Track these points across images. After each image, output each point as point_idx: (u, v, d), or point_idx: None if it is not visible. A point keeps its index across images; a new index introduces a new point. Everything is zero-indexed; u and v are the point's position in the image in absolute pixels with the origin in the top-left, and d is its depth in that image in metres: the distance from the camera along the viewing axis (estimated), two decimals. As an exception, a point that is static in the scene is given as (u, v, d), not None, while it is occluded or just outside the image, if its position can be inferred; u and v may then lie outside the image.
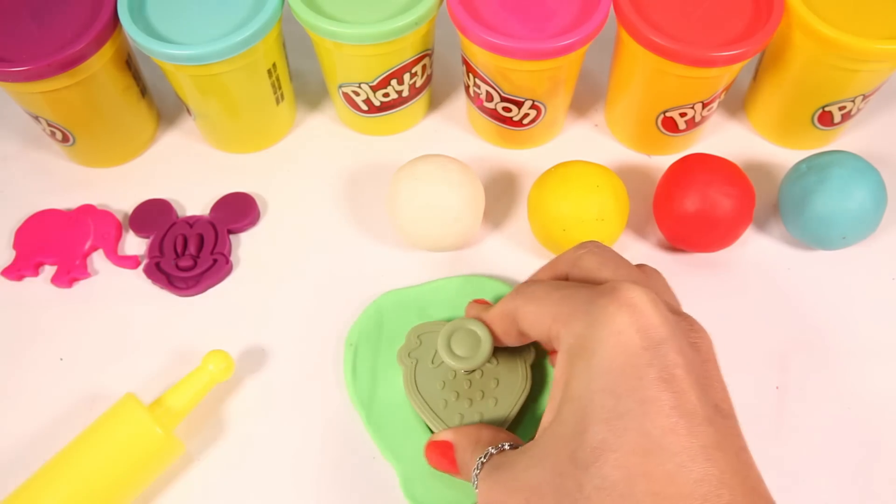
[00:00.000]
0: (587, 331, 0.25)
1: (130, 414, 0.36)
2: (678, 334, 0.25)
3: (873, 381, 0.40)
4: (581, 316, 0.26)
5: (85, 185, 0.48)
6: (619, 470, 0.23)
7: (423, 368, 0.37)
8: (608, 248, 0.32)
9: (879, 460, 0.38)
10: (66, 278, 0.43)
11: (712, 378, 0.26)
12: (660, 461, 0.22)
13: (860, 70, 0.41)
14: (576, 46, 0.39)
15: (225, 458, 0.38)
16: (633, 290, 0.26)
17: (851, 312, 0.42)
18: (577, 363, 0.25)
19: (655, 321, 0.25)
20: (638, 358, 0.24)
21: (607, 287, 0.26)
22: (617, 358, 0.24)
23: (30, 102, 0.43)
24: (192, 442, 0.38)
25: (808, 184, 0.41)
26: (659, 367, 0.24)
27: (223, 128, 0.47)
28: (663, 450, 0.23)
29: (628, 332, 0.25)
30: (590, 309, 0.26)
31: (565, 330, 0.27)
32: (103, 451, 0.35)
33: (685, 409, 0.23)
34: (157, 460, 0.36)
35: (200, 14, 0.41)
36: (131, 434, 0.35)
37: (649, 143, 0.48)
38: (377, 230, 0.45)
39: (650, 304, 0.25)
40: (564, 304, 0.27)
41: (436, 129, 0.50)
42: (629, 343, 0.24)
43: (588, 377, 0.25)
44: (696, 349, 0.26)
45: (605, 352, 0.24)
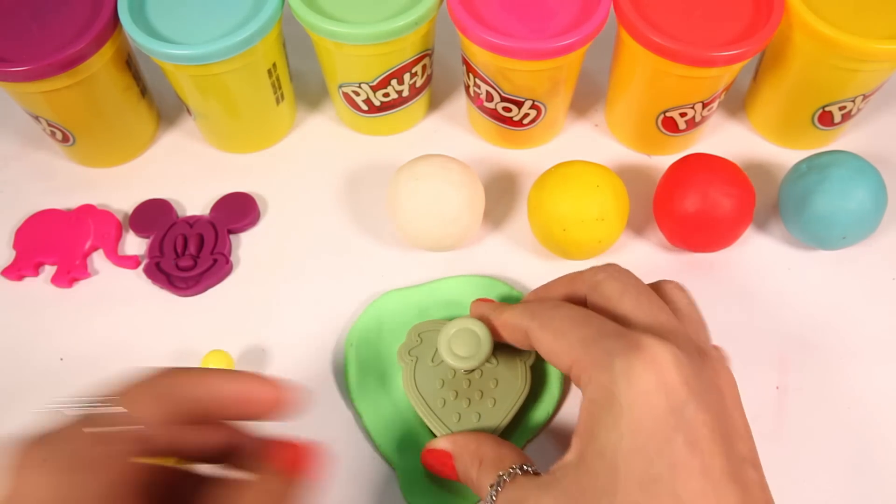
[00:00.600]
0: (613, 387, 0.26)
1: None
2: (701, 389, 0.26)
3: (873, 381, 0.40)
4: (605, 368, 0.27)
5: (85, 185, 0.48)
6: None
7: (423, 367, 0.37)
8: (629, 274, 0.32)
9: (879, 460, 0.38)
10: (66, 278, 0.43)
11: (736, 425, 0.27)
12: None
13: (860, 70, 0.41)
14: (576, 46, 0.39)
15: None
16: (656, 347, 0.26)
17: (851, 312, 0.42)
18: (605, 418, 0.26)
19: (679, 382, 0.26)
20: (665, 422, 0.25)
21: (632, 342, 0.27)
22: (645, 420, 0.25)
23: (30, 102, 0.43)
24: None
25: (808, 184, 0.41)
26: (685, 431, 0.25)
27: (223, 128, 0.47)
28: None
29: (655, 394, 0.25)
30: (614, 363, 0.26)
31: (587, 377, 0.27)
32: None
33: (712, 472, 0.25)
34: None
35: (200, 14, 0.42)
36: None
37: (649, 143, 0.48)
38: (377, 230, 0.45)
39: (674, 364, 0.26)
40: (587, 350, 0.28)
41: (436, 129, 0.50)
42: (656, 405, 0.25)
43: (618, 435, 0.25)
44: (720, 395, 0.27)
45: (633, 413, 0.25)
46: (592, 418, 0.27)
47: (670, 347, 0.26)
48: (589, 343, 0.28)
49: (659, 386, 0.26)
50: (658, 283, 0.34)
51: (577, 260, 0.43)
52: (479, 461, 0.31)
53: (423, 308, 0.41)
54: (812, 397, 0.39)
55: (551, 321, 0.30)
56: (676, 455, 0.25)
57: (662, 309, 0.30)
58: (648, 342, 0.26)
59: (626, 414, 0.25)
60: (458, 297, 0.41)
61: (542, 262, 0.44)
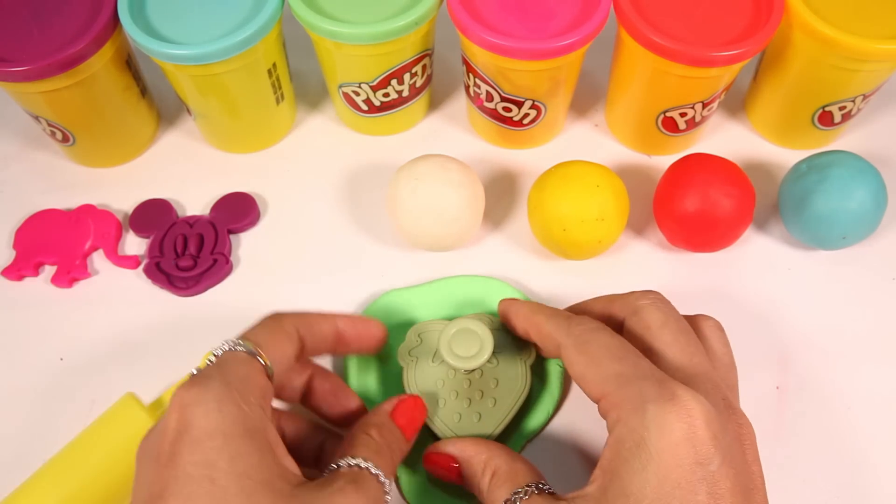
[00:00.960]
0: (644, 432, 0.27)
1: (130, 414, 0.36)
2: (727, 444, 0.27)
3: (873, 381, 0.40)
4: (638, 412, 0.27)
5: (85, 185, 0.48)
6: None
7: (423, 367, 0.37)
8: (671, 305, 0.33)
9: (879, 460, 0.38)
10: (66, 278, 0.43)
11: (755, 479, 0.29)
12: None
13: (860, 70, 0.41)
14: (576, 46, 0.39)
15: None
16: (691, 400, 0.27)
17: (851, 312, 0.42)
18: (633, 461, 0.27)
19: (708, 436, 0.27)
20: (692, 473, 0.26)
21: (667, 391, 0.27)
22: (673, 470, 0.26)
23: (30, 102, 0.43)
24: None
25: (808, 184, 0.41)
26: (709, 485, 0.26)
27: (223, 128, 0.47)
28: None
29: (684, 445, 0.26)
30: (647, 408, 0.27)
31: (616, 416, 0.28)
32: (103, 451, 0.35)
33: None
34: None
35: (200, 14, 0.41)
36: (131, 434, 0.35)
37: (649, 143, 0.48)
38: (377, 230, 0.45)
39: (704, 418, 0.27)
40: (620, 388, 0.28)
41: (436, 129, 0.50)
42: (684, 457, 0.26)
43: (644, 480, 0.26)
44: (742, 450, 0.29)
45: (662, 461, 0.26)
46: (619, 458, 0.27)
47: (702, 401, 0.27)
48: (623, 382, 0.29)
49: (689, 438, 0.26)
50: (696, 317, 0.34)
51: (577, 260, 0.43)
52: (491, 472, 0.31)
53: (424, 308, 0.41)
54: (812, 397, 0.39)
55: (588, 345, 0.31)
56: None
57: (698, 350, 0.31)
58: (683, 394, 0.27)
59: (654, 461, 0.26)
60: (459, 296, 0.41)
61: (542, 262, 0.44)
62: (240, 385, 0.27)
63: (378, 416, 0.32)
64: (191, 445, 0.25)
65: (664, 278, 0.43)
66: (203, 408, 0.26)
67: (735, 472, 0.27)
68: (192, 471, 0.25)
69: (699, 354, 0.31)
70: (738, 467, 0.27)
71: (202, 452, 0.25)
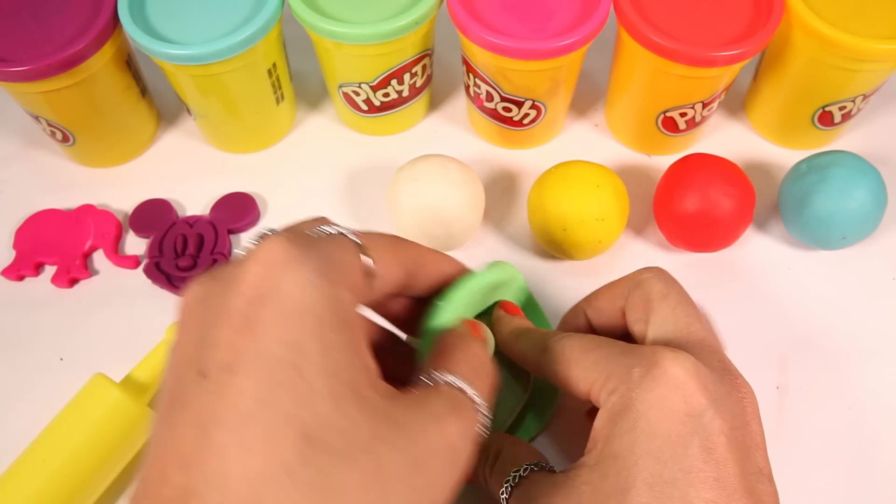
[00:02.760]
0: (631, 394, 0.26)
1: (102, 391, 0.36)
2: (721, 397, 0.26)
3: (873, 381, 0.40)
4: (623, 379, 0.27)
5: (85, 185, 0.48)
6: None
7: None
8: (672, 278, 0.32)
9: (879, 460, 0.38)
10: (66, 278, 0.43)
11: (755, 437, 0.27)
12: None
13: (860, 70, 0.41)
14: (576, 46, 0.39)
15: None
16: (675, 357, 0.26)
17: (851, 312, 0.42)
18: (621, 422, 0.26)
19: (697, 388, 0.26)
20: (683, 426, 0.25)
21: (649, 356, 0.27)
22: (661, 424, 0.25)
23: (30, 102, 0.43)
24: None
25: (808, 184, 0.41)
26: (702, 437, 0.25)
27: (223, 128, 0.47)
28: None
29: (672, 398, 0.25)
30: (632, 373, 0.27)
31: (606, 392, 0.27)
32: (79, 431, 0.35)
33: (726, 482, 0.25)
34: (134, 434, 0.36)
35: (200, 14, 0.41)
36: (106, 411, 0.35)
37: (649, 143, 0.48)
38: (377, 230, 0.45)
39: (693, 371, 0.26)
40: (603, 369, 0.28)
41: (436, 129, 0.50)
42: (673, 410, 0.25)
43: (633, 439, 0.25)
44: (741, 405, 0.27)
45: (650, 416, 0.25)
46: (610, 423, 0.27)
47: (690, 358, 0.26)
48: (605, 364, 0.28)
49: (677, 391, 0.25)
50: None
51: (577, 260, 0.43)
52: (494, 457, 0.31)
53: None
54: (812, 397, 0.39)
55: (562, 352, 0.30)
56: (691, 461, 0.25)
57: (697, 319, 0.30)
58: (665, 354, 0.27)
59: (643, 418, 0.25)
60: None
61: (543, 262, 0.44)
62: (342, 267, 0.23)
63: (466, 331, 0.28)
64: (278, 318, 0.20)
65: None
66: (296, 276, 0.21)
67: (731, 426, 0.26)
68: (277, 350, 0.20)
69: (697, 323, 0.30)
70: (735, 422, 0.26)
71: (291, 331, 0.20)
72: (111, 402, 0.36)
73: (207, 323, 0.21)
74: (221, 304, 0.21)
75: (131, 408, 0.36)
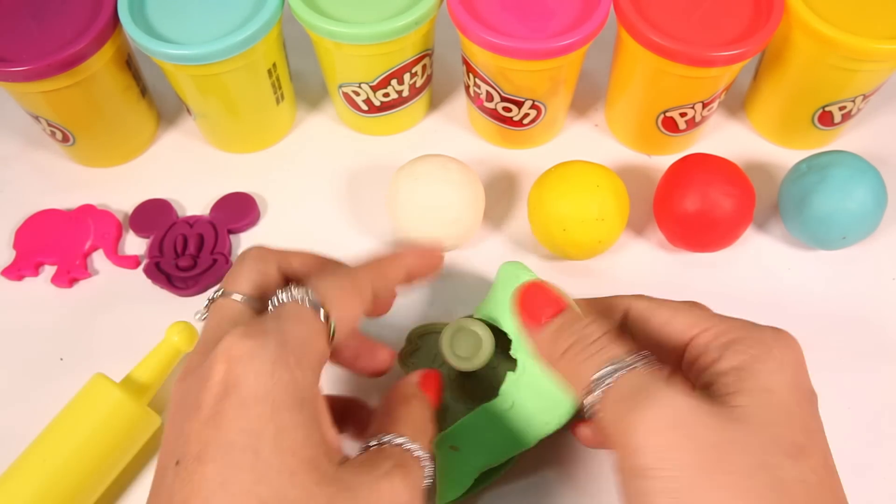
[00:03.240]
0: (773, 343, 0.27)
1: (102, 391, 0.36)
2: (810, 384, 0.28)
3: (873, 380, 0.40)
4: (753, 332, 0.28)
5: (85, 185, 0.48)
6: (814, 474, 0.26)
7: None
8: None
9: (879, 460, 0.38)
10: (66, 278, 0.43)
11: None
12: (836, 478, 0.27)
13: (860, 70, 0.41)
14: (576, 46, 0.39)
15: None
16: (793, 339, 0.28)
17: (851, 312, 0.42)
18: (767, 363, 0.27)
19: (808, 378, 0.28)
20: (808, 402, 0.27)
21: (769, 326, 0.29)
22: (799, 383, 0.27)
23: (30, 102, 0.43)
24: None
25: (808, 184, 0.41)
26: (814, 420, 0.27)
27: (223, 128, 0.47)
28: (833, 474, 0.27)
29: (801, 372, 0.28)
30: (763, 329, 0.28)
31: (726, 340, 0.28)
32: (79, 431, 0.35)
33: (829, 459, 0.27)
34: (134, 435, 0.36)
35: (200, 14, 0.42)
36: (106, 411, 0.35)
37: (649, 143, 0.48)
38: (377, 230, 0.45)
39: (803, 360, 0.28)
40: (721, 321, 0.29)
41: (436, 129, 0.50)
42: (802, 382, 0.27)
43: (783, 379, 0.26)
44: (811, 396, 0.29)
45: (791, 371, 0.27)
46: (749, 363, 0.27)
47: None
48: (718, 319, 0.29)
49: (801, 367, 0.27)
50: None
51: (577, 260, 0.43)
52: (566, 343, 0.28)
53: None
54: (812, 397, 0.39)
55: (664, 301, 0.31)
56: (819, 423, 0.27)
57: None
58: (784, 331, 0.28)
59: (786, 370, 0.27)
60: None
61: (543, 262, 0.44)
62: (297, 347, 0.25)
63: (410, 387, 0.30)
64: (238, 409, 0.23)
65: (664, 278, 0.43)
66: (255, 368, 0.24)
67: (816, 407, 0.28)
68: (237, 438, 0.23)
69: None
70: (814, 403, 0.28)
71: (249, 420, 0.23)
72: (111, 402, 0.36)
73: (184, 417, 0.24)
74: (194, 400, 0.24)
75: (131, 408, 0.36)
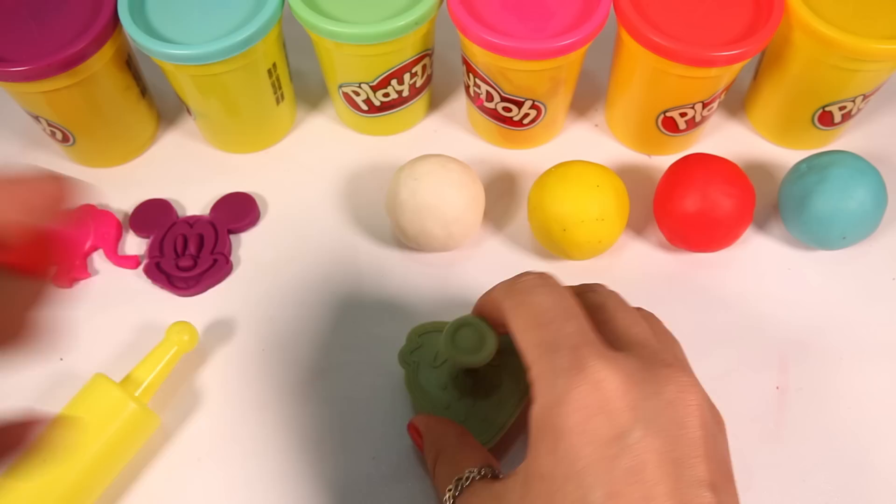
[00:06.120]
0: (554, 408, 0.25)
1: (102, 391, 0.36)
2: (653, 413, 0.25)
3: (873, 381, 0.40)
4: (550, 387, 0.25)
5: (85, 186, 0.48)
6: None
7: (425, 370, 0.37)
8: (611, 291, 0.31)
9: (879, 460, 0.38)
10: (66, 278, 0.43)
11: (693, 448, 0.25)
12: None
13: (860, 70, 0.41)
14: (576, 46, 0.39)
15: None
16: (603, 369, 0.25)
17: (851, 312, 0.42)
18: (545, 440, 0.25)
19: (625, 406, 0.24)
20: (606, 449, 0.24)
21: (578, 362, 0.25)
22: (584, 447, 0.24)
23: (30, 102, 0.43)
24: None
25: (808, 184, 0.41)
26: (629, 458, 0.23)
27: (223, 128, 0.47)
28: None
29: (596, 419, 0.24)
30: (557, 383, 0.25)
31: (535, 391, 0.26)
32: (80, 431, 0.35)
33: (655, 500, 0.23)
34: (134, 435, 0.36)
35: (200, 14, 0.41)
36: (106, 411, 0.35)
37: (649, 143, 0.48)
38: (377, 230, 0.45)
39: (621, 387, 0.25)
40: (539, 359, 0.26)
41: (436, 129, 0.50)
42: (596, 431, 0.24)
43: (555, 460, 0.24)
44: (677, 416, 0.25)
45: (572, 439, 0.24)
46: (535, 437, 0.26)
47: (621, 367, 0.25)
48: (542, 352, 0.27)
49: (601, 411, 0.24)
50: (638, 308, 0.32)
51: (577, 260, 0.43)
52: (435, 453, 0.31)
53: None
54: (812, 397, 0.39)
55: (521, 307, 0.28)
56: (615, 484, 0.23)
57: (637, 322, 0.29)
58: (596, 363, 0.25)
59: (564, 440, 0.24)
60: None
61: (542, 262, 0.44)
62: None
63: None
64: None
65: (664, 278, 0.43)
66: None
67: (662, 441, 0.24)
68: None
69: (638, 326, 0.29)
70: (668, 436, 0.24)
71: None
72: (111, 402, 0.36)
73: None
74: None
75: (131, 408, 0.36)
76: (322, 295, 0.43)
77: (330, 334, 0.42)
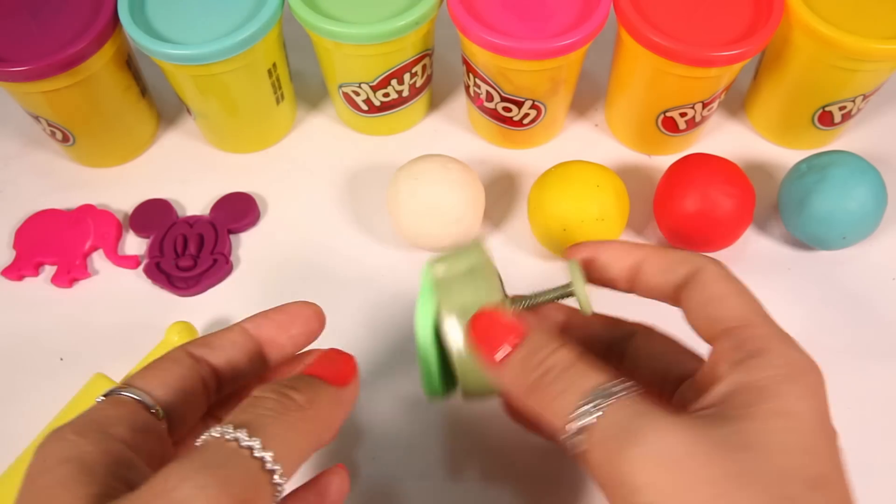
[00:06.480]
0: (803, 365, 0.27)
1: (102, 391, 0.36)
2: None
3: (873, 381, 0.40)
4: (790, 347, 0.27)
5: (85, 185, 0.48)
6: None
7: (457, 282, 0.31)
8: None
9: (879, 460, 0.38)
10: (66, 278, 0.43)
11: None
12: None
13: (860, 70, 0.41)
14: (576, 46, 0.40)
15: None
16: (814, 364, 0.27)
17: (851, 312, 0.42)
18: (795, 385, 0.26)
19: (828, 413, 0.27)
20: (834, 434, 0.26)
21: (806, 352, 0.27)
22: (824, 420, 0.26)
23: (30, 102, 0.43)
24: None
25: (808, 184, 0.41)
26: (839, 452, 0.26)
27: (223, 128, 0.47)
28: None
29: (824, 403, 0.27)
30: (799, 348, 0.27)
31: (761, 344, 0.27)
32: None
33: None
34: None
35: (200, 14, 0.42)
36: None
37: (649, 143, 0.48)
38: (377, 230, 0.45)
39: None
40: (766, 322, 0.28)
41: (436, 129, 0.50)
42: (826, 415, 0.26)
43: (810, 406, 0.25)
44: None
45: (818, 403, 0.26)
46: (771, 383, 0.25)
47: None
48: (767, 319, 0.28)
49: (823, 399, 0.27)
50: None
51: (577, 260, 0.43)
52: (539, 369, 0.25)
53: None
54: (812, 397, 0.39)
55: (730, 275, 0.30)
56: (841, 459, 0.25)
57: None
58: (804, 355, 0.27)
59: (813, 397, 0.26)
60: None
61: (542, 262, 0.44)
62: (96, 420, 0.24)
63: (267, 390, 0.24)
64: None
65: (664, 278, 0.43)
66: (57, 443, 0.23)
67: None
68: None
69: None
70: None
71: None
72: None
73: None
74: None
75: None
76: (321, 295, 0.43)
77: (329, 334, 0.42)
